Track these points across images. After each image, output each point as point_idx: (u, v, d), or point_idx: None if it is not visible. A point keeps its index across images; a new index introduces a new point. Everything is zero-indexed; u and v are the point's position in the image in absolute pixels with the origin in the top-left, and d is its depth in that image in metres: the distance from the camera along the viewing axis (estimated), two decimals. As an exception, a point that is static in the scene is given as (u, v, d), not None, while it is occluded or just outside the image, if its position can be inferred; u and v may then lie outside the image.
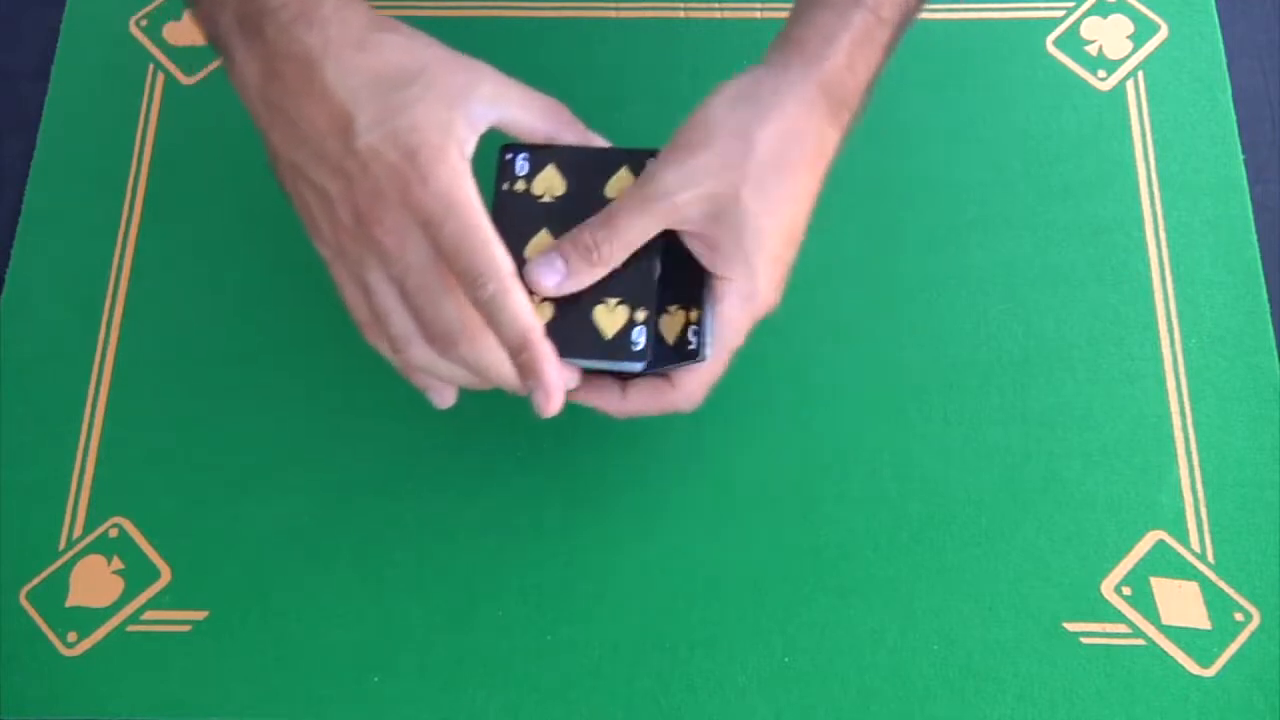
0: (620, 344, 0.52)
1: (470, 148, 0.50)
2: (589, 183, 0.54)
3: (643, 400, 0.56)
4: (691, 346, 0.53)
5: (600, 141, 0.56)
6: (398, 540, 0.63)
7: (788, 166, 0.52)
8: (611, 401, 0.56)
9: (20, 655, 0.62)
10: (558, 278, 0.52)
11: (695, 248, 0.53)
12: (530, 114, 0.54)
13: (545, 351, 0.49)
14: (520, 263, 0.52)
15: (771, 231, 0.52)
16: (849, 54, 0.53)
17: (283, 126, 0.51)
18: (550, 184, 0.55)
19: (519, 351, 0.49)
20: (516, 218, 0.54)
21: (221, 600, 0.62)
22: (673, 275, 0.53)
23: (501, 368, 0.51)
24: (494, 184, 0.55)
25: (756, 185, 0.51)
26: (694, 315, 0.54)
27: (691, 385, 0.55)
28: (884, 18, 0.53)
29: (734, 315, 0.54)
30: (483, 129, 0.51)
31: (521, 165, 0.55)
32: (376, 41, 0.50)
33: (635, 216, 0.51)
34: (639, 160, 0.54)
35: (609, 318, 0.53)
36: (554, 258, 0.52)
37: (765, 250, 0.52)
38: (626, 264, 0.52)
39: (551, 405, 0.50)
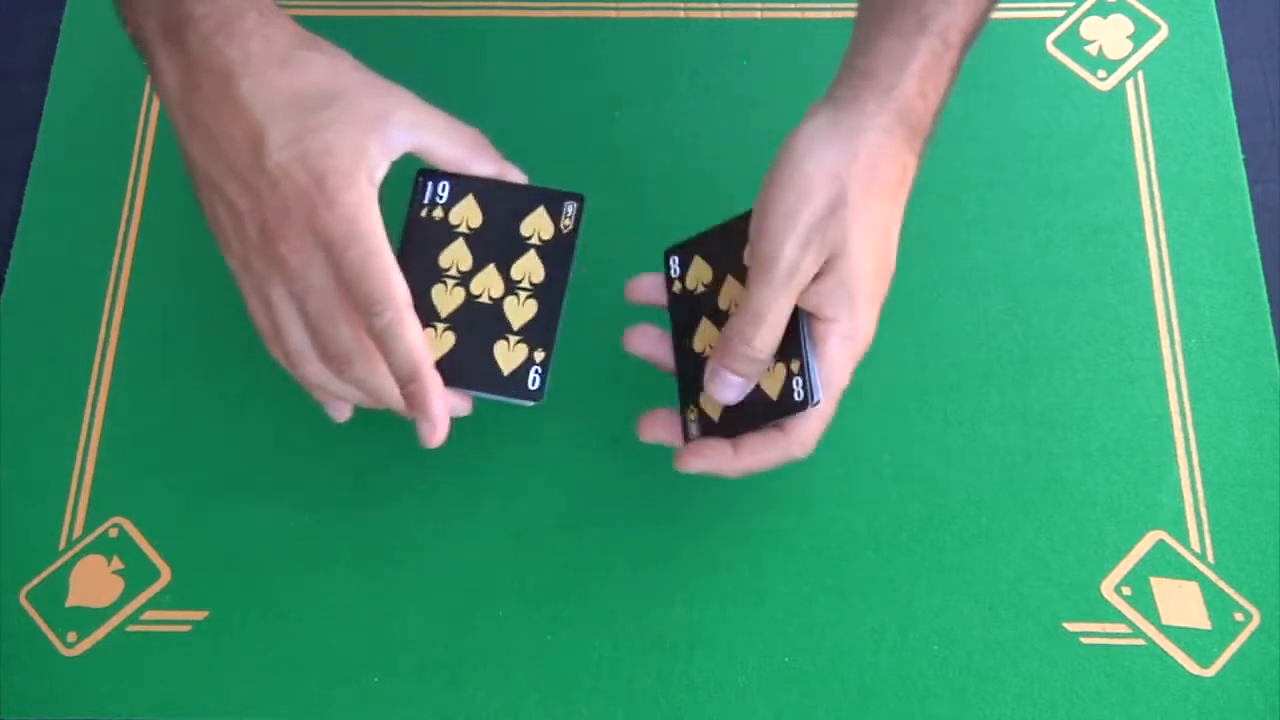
0: (516, 381, 0.54)
1: (381, 173, 0.51)
2: (506, 218, 0.56)
3: (757, 454, 0.55)
4: (799, 397, 0.53)
5: (518, 175, 0.56)
6: (398, 540, 0.63)
7: (877, 202, 0.52)
8: (724, 462, 0.55)
9: (20, 655, 0.62)
10: (736, 392, 0.53)
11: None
12: (448, 142, 0.54)
13: (432, 384, 0.50)
14: (424, 288, 0.53)
15: (868, 268, 0.52)
16: (920, 80, 0.52)
17: (199, 137, 0.51)
18: (467, 215, 0.56)
19: (407, 382, 0.50)
20: (429, 245, 0.55)
21: (221, 600, 0.62)
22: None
23: (393, 392, 0.52)
24: (408, 208, 0.56)
25: (857, 230, 0.51)
26: (795, 366, 0.53)
27: (805, 431, 0.54)
28: (950, 42, 0.53)
29: (837, 356, 0.53)
30: (397, 155, 0.51)
31: (441, 193, 0.56)
32: (298, 59, 0.51)
33: (777, 303, 0.51)
34: (556, 201, 0.55)
35: (508, 355, 0.54)
36: (726, 375, 0.53)
37: (864, 288, 0.52)
38: (533, 304, 0.55)
39: (436, 436, 0.51)
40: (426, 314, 0.54)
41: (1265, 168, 0.71)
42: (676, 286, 0.58)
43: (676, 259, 0.59)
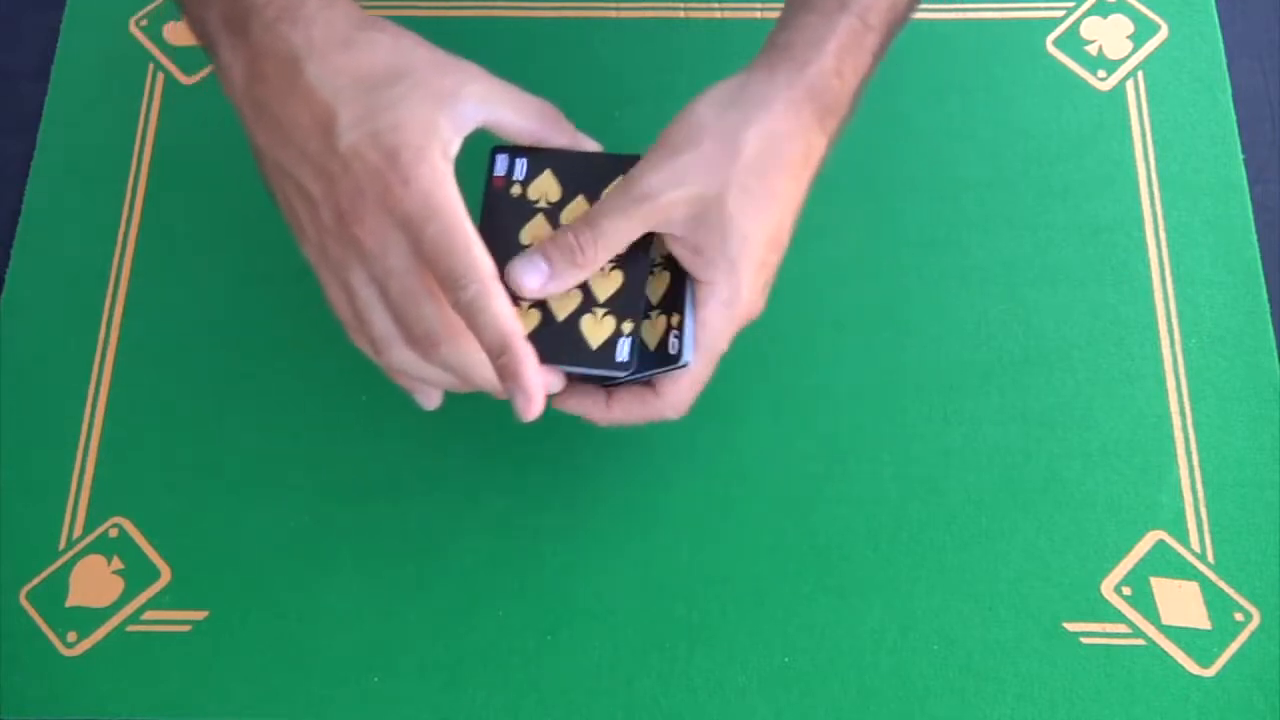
0: (605, 354, 0.52)
1: (454, 149, 0.50)
2: (585, 189, 0.54)
3: (627, 409, 0.55)
4: (673, 352, 0.53)
5: (591, 144, 0.56)
6: (398, 540, 0.63)
7: (773, 171, 0.52)
8: (596, 409, 0.55)
9: (20, 655, 0.62)
10: (540, 279, 0.51)
11: (677, 251, 0.53)
12: (520, 115, 0.53)
13: (525, 355, 0.49)
14: (506, 264, 0.52)
15: (756, 236, 0.52)
16: (836, 59, 0.52)
17: (268, 126, 0.51)
18: (545, 189, 0.55)
19: (499, 354, 0.49)
20: (509, 221, 0.54)
21: (221, 600, 0.62)
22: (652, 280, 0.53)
23: (483, 370, 0.50)
24: (484, 185, 0.55)
25: (741, 189, 0.51)
26: (675, 320, 0.53)
27: (676, 392, 0.55)
28: (871, 24, 0.53)
29: (716, 320, 0.53)
30: (469, 130, 0.51)
31: (519, 169, 0.55)
32: (362, 40, 0.50)
33: (619, 218, 0.51)
34: (631, 166, 0.54)
35: (595, 327, 0.53)
36: (537, 259, 0.51)
37: (749, 255, 0.52)
38: (617, 272, 0.53)
39: (532, 409, 0.49)
40: (509, 293, 0.53)
41: (1265, 168, 0.71)
42: (514, 190, 0.55)
43: (523, 161, 0.55)
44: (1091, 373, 0.66)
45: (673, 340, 0.53)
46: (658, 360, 0.53)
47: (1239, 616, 0.61)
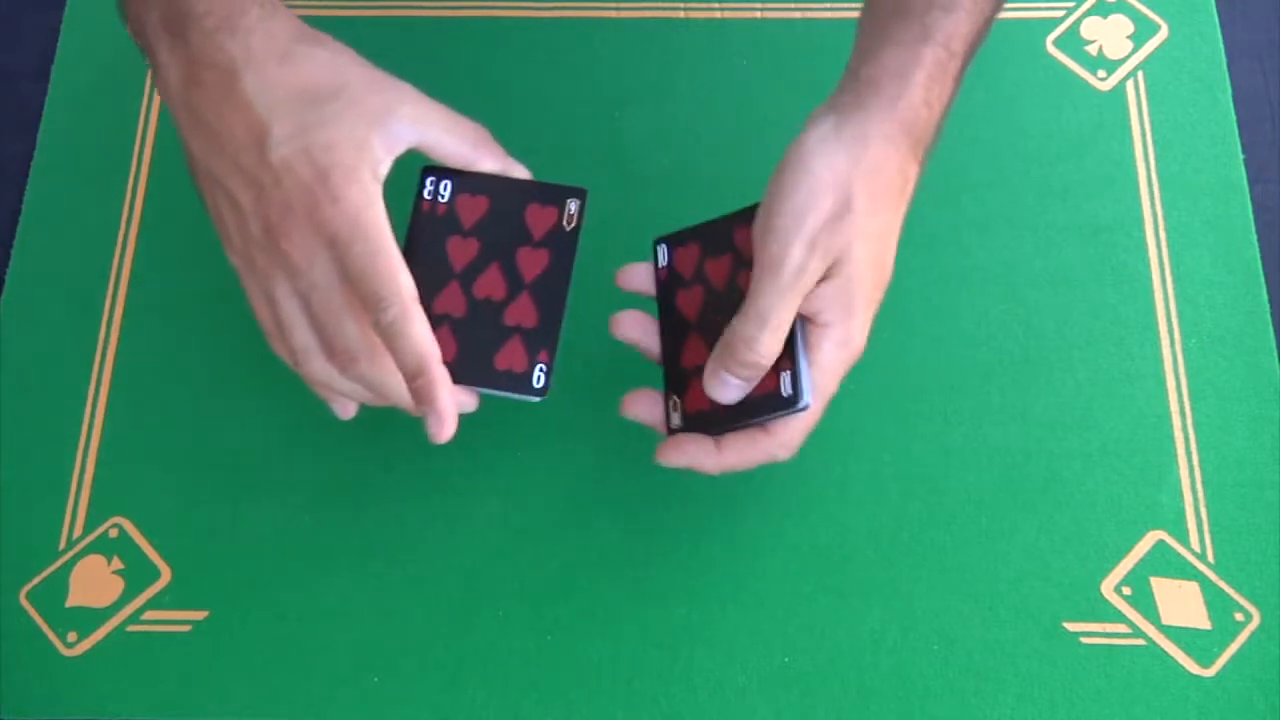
0: (521, 379, 0.54)
1: (384, 169, 0.50)
2: (508, 213, 0.56)
3: (741, 453, 0.54)
4: (786, 394, 0.52)
5: (522, 171, 0.56)
6: (398, 540, 0.63)
7: (880, 211, 0.52)
8: (707, 459, 0.55)
9: (20, 655, 0.62)
10: (738, 392, 0.53)
11: None
12: (452, 138, 0.54)
13: (440, 379, 0.50)
14: (427, 287, 0.53)
15: (869, 278, 0.52)
16: (924, 90, 0.52)
17: (202, 134, 0.51)
18: (470, 211, 0.56)
19: (415, 377, 0.50)
20: (433, 242, 0.55)
21: (221, 600, 0.62)
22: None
23: (399, 389, 0.51)
24: (413, 205, 0.56)
25: (860, 237, 0.51)
26: (785, 363, 0.53)
27: (789, 433, 0.54)
28: (954, 50, 0.53)
29: (831, 362, 0.53)
30: (400, 150, 0.51)
31: (444, 191, 0.56)
32: (300, 54, 0.51)
33: (783, 306, 0.51)
34: (559, 196, 0.55)
35: (512, 353, 0.54)
36: (726, 377, 0.52)
37: (863, 296, 0.52)
38: (537, 301, 0.54)
39: (444, 432, 0.51)
40: (429, 313, 0.54)
41: (1265, 168, 0.71)
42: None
43: (664, 247, 0.58)
44: (1091, 373, 0.66)
45: (785, 383, 0.53)
46: (772, 404, 0.53)
47: (1239, 616, 0.61)
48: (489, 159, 0.55)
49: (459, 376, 0.53)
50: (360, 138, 0.50)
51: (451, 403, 0.51)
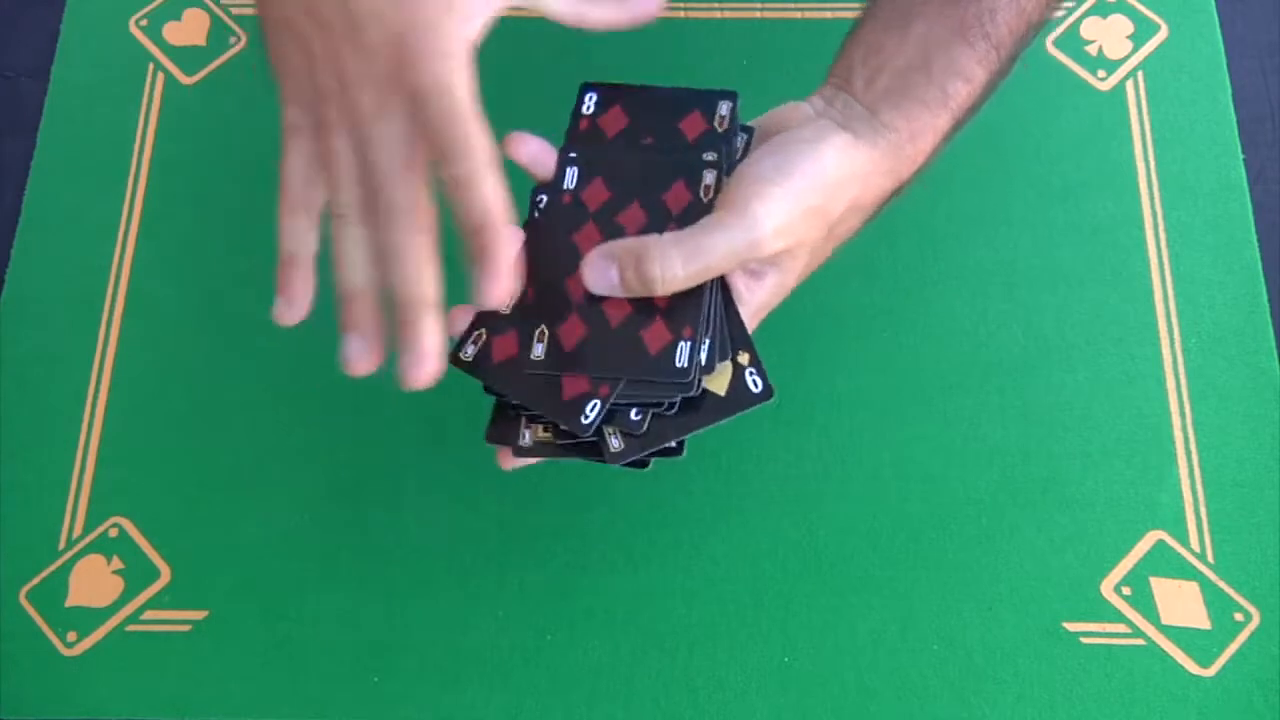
0: (663, 361, 0.50)
1: (477, 25, 0.48)
2: (660, 122, 0.55)
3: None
4: (756, 390, 0.52)
5: (648, 5, 0.54)
6: (398, 540, 0.63)
7: (849, 219, 0.54)
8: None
9: (20, 655, 0.62)
10: (608, 290, 0.51)
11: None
12: None
13: (505, 235, 0.46)
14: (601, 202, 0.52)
15: (805, 269, 0.55)
16: (930, 153, 0.54)
17: None
18: (615, 124, 0.55)
19: (478, 232, 0.46)
20: (590, 161, 0.54)
21: (221, 600, 0.62)
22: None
23: (416, 268, 0.47)
24: (570, 123, 0.55)
25: (821, 251, 0.54)
26: (746, 358, 0.52)
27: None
28: (960, 120, 0.55)
29: (764, 298, 0.54)
30: (500, 6, 0.49)
31: (588, 104, 0.55)
32: None
33: (722, 265, 0.50)
34: (712, 102, 0.55)
35: (654, 334, 0.51)
36: (609, 269, 0.50)
37: (787, 285, 0.55)
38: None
39: (500, 287, 0.46)
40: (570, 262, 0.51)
41: (1265, 168, 0.71)
42: (584, 125, 0.55)
43: (594, 95, 0.56)
44: (1091, 373, 0.66)
45: (751, 380, 0.52)
46: (741, 403, 0.52)
47: (1239, 616, 0.61)
48: (601, 10, 0.53)
49: (593, 365, 0.50)
50: None
51: (511, 263, 0.47)
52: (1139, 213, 0.70)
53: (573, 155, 0.55)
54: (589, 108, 0.54)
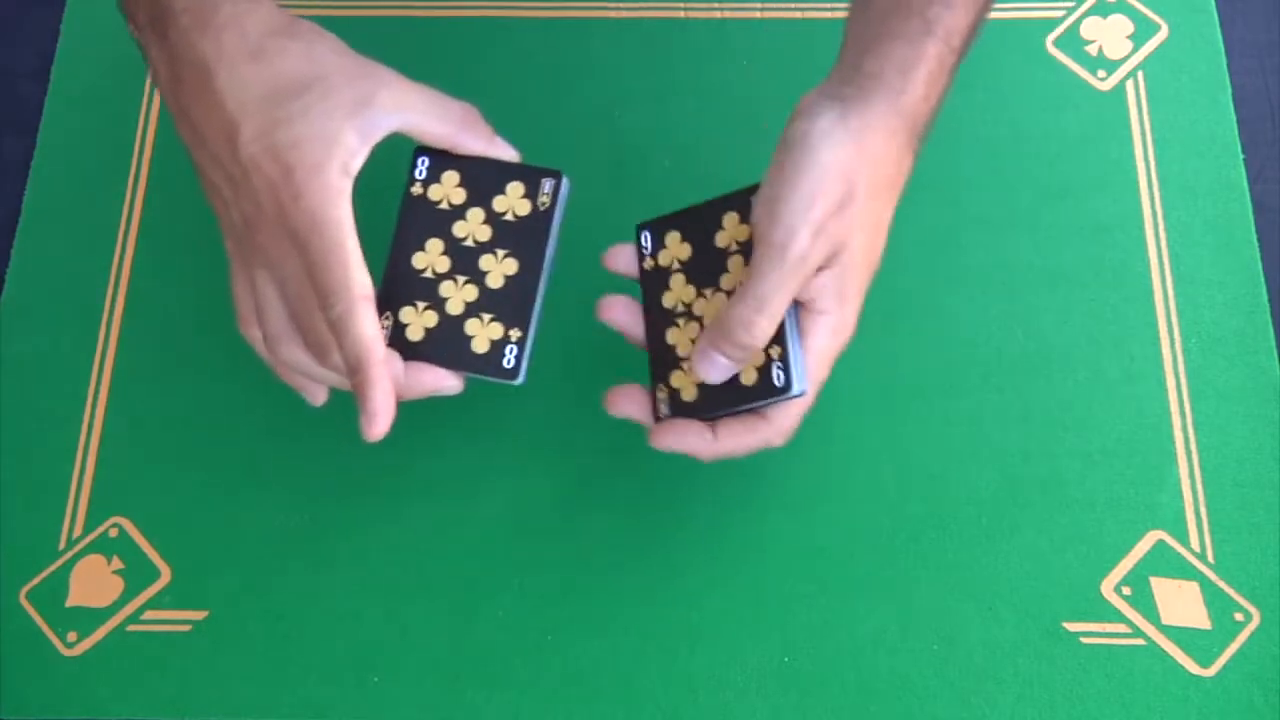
0: (490, 359, 0.54)
1: (358, 161, 0.50)
2: (485, 195, 0.55)
3: (735, 439, 0.54)
4: (778, 384, 0.52)
5: (508, 151, 0.56)
6: (397, 540, 0.63)
7: (877, 201, 0.52)
8: (701, 444, 0.55)
9: (20, 655, 0.62)
10: (723, 372, 0.53)
11: None
12: (436, 119, 0.53)
13: (376, 378, 0.50)
14: (409, 267, 0.54)
15: (864, 266, 0.53)
16: (926, 85, 0.53)
17: (188, 128, 0.52)
18: (449, 192, 0.56)
19: (353, 373, 0.50)
20: (418, 223, 0.55)
21: (221, 600, 0.62)
22: None
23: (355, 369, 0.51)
24: (405, 186, 0.56)
25: (859, 226, 0.51)
26: (775, 352, 0.53)
27: (785, 419, 0.54)
28: (954, 46, 0.53)
29: (824, 349, 0.53)
30: (379, 137, 0.51)
31: (422, 170, 0.56)
32: (272, 49, 0.51)
33: (783, 289, 0.50)
34: (533, 177, 0.55)
35: (482, 332, 0.54)
36: (716, 357, 0.52)
37: (858, 285, 0.53)
38: (513, 280, 0.54)
39: (374, 429, 0.50)
40: (412, 292, 0.54)
41: (1265, 168, 0.71)
42: (648, 263, 0.57)
43: (647, 234, 0.58)
44: (1091, 373, 0.66)
45: (776, 372, 0.53)
46: (763, 392, 0.53)
47: (1239, 616, 0.61)
48: (476, 139, 0.55)
49: (433, 357, 0.54)
50: (331, 131, 0.50)
51: (385, 403, 0.50)
52: (1139, 213, 0.70)
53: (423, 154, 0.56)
54: (422, 173, 0.56)
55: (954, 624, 0.61)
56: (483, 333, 0.54)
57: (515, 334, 0.54)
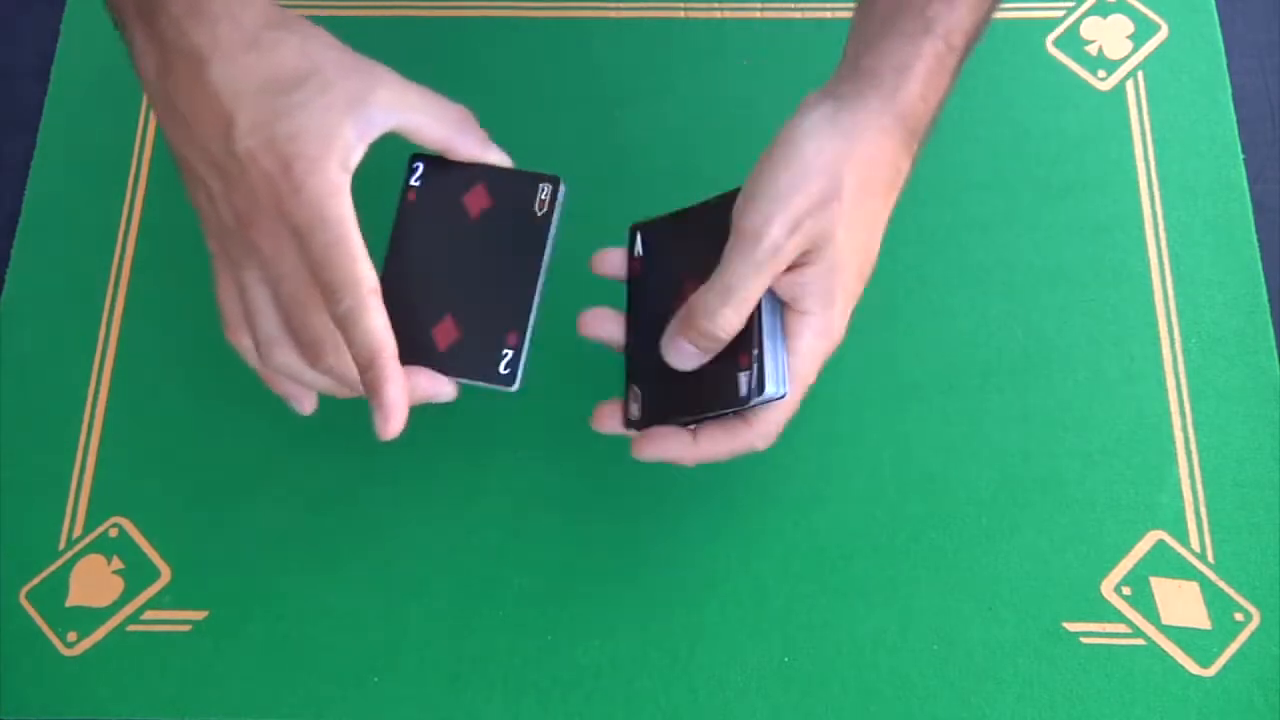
0: (487, 365, 0.53)
1: (356, 156, 0.50)
2: (482, 200, 0.55)
3: (716, 443, 0.54)
4: (744, 394, 0.52)
5: (501, 157, 0.55)
6: (398, 541, 0.63)
7: (869, 201, 0.52)
8: (683, 450, 0.54)
9: (20, 655, 0.62)
10: (694, 360, 0.52)
11: (775, 284, 0.52)
12: (432, 120, 0.53)
13: (390, 373, 0.49)
14: (404, 272, 0.53)
15: (851, 267, 0.52)
16: (923, 84, 0.52)
17: (175, 121, 0.51)
18: (444, 198, 0.55)
19: (365, 369, 0.49)
20: (411, 229, 0.55)
21: (221, 600, 0.62)
22: None
23: (353, 369, 0.51)
24: (400, 191, 0.55)
25: (846, 224, 0.51)
26: (745, 361, 0.52)
27: (768, 423, 0.53)
28: (953, 45, 0.53)
29: (810, 350, 0.52)
30: (375, 135, 0.50)
31: (416, 177, 0.55)
32: (268, 41, 0.50)
33: (753, 280, 0.50)
34: (531, 183, 0.54)
35: (478, 339, 0.54)
36: (682, 344, 0.52)
37: (844, 286, 0.52)
38: (511, 286, 0.54)
39: (389, 428, 0.50)
40: (407, 297, 0.54)
41: (1265, 168, 0.71)
42: (636, 266, 0.57)
43: (640, 236, 0.57)
44: (1091, 373, 0.66)
45: (743, 381, 0.52)
46: (727, 401, 0.52)
47: (1239, 616, 0.61)
48: (470, 143, 0.54)
49: (427, 362, 0.53)
50: (329, 125, 0.49)
51: (400, 398, 0.50)
52: (1139, 213, 0.70)
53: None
54: (416, 180, 0.55)
55: (954, 624, 0.61)
56: (478, 339, 0.54)
57: (512, 339, 0.54)
